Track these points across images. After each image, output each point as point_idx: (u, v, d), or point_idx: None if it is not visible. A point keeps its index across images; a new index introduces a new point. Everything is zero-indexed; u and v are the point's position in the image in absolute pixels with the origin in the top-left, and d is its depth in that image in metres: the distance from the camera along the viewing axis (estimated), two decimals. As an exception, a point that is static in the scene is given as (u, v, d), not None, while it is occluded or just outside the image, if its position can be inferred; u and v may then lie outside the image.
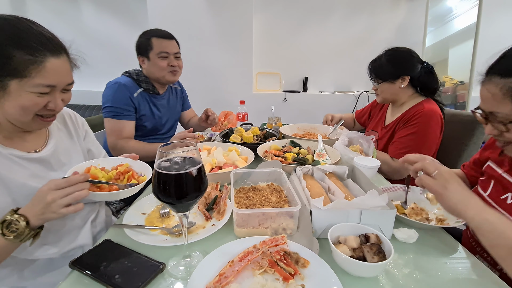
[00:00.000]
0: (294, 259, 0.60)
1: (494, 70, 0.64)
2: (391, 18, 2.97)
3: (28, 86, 0.64)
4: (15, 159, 0.72)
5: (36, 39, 0.65)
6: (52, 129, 0.85)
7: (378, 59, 1.36)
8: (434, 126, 1.23)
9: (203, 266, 0.58)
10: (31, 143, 0.78)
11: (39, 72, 0.64)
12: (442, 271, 0.61)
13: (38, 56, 0.64)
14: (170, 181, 0.52)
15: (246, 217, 0.71)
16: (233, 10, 2.76)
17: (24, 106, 0.66)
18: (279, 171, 0.92)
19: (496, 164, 0.78)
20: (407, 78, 1.30)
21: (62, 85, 0.71)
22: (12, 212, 0.61)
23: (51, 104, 0.69)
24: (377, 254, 0.56)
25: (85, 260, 0.60)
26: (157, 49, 1.39)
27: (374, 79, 1.38)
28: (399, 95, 1.35)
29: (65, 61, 0.70)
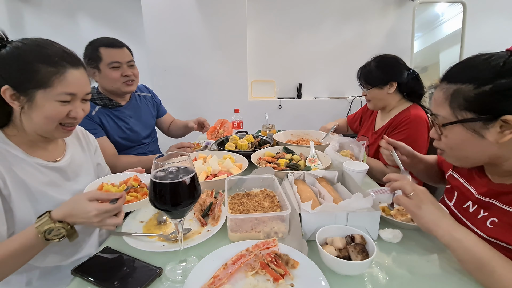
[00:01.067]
0: (284, 260, 0.63)
1: (445, 76, 0.69)
2: (381, 25, 3.05)
3: (51, 95, 0.72)
4: (38, 167, 0.78)
5: (57, 53, 0.74)
6: (68, 141, 0.93)
7: (367, 66, 1.41)
8: (422, 130, 1.28)
9: (198, 269, 0.61)
10: (51, 152, 0.85)
11: (61, 82, 0.72)
12: (425, 269, 0.65)
13: (60, 67, 0.72)
14: (165, 190, 0.56)
15: (239, 222, 0.74)
16: (227, 21, 2.84)
17: (49, 115, 0.73)
18: (271, 177, 0.96)
19: (457, 173, 0.83)
20: (395, 84, 1.35)
21: (82, 93, 0.78)
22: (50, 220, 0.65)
23: (72, 113, 0.77)
24: (361, 253, 0.59)
25: (86, 267, 0.64)
26: (107, 59, 1.27)
27: (363, 85, 1.43)
28: (388, 101, 1.40)
29: (83, 73, 0.79)
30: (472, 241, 0.59)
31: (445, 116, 0.67)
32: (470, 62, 0.65)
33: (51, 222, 0.64)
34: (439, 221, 0.63)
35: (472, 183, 0.75)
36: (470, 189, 0.74)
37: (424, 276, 0.62)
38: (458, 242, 0.60)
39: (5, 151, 0.73)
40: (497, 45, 0.71)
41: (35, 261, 0.78)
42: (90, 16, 3.01)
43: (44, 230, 0.63)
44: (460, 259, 0.61)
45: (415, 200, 0.67)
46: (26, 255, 0.66)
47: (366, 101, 1.49)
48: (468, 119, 0.63)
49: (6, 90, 0.69)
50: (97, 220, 0.65)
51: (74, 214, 0.66)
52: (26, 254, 0.65)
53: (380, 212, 0.73)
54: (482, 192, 0.70)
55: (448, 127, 0.67)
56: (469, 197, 0.74)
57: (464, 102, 0.63)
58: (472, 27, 2.76)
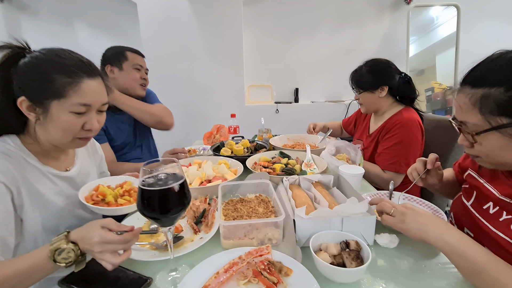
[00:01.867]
0: (277, 268, 0.61)
1: (466, 80, 0.65)
2: (376, 29, 3.08)
3: (66, 105, 0.71)
4: (51, 177, 0.78)
5: (74, 63, 0.73)
6: (78, 150, 0.93)
7: (359, 70, 1.42)
8: (415, 133, 1.28)
9: (189, 278, 0.60)
10: (63, 162, 0.85)
11: (76, 92, 0.71)
12: (422, 275, 0.63)
13: (75, 77, 0.71)
14: (154, 197, 0.54)
15: (232, 229, 0.73)
16: (223, 26, 2.86)
17: (64, 127, 0.72)
18: (266, 182, 0.95)
19: (477, 173, 0.80)
20: (386, 88, 1.36)
21: (98, 104, 0.77)
22: (65, 240, 0.59)
23: (87, 125, 0.75)
24: (355, 260, 0.58)
25: (74, 278, 0.62)
26: (132, 61, 1.41)
27: (355, 89, 1.44)
28: (380, 104, 1.41)
29: (100, 83, 0.77)
30: (466, 245, 0.57)
31: (476, 123, 0.62)
32: (494, 63, 0.61)
33: (65, 241, 0.59)
34: (427, 228, 0.62)
35: (495, 184, 0.71)
36: (492, 190, 0.71)
37: (421, 282, 0.61)
38: (451, 247, 0.58)
39: (21, 158, 0.73)
40: (492, 48, 0.70)
41: None
42: (87, 24, 3.03)
43: (56, 249, 0.57)
44: (456, 264, 0.59)
45: (397, 216, 0.67)
46: (33, 277, 0.60)
47: (359, 105, 1.50)
48: (504, 125, 0.58)
49: (23, 101, 0.69)
50: (97, 250, 0.57)
51: (84, 237, 0.59)
52: (32, 276, 0.59)
53: (376, 217, 0.72)
54: (508, 194, 0.67)
55: (482, 135, 0.62)
56: (490, 198, 0.71)
57: (496, 107, 0.58)
58: (466, 30, 2.78)
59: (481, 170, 0.78)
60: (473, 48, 2.84)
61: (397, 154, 1.28)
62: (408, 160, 1.27)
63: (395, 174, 1.29)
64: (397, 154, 1.28)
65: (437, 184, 0.90)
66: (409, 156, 1.27)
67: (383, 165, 1.32)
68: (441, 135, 1.46)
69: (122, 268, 0.65)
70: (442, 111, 3.01)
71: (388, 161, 1.30)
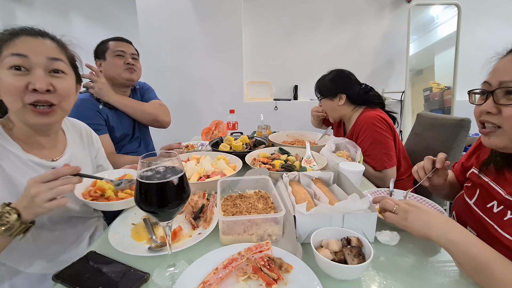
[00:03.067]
0: (277, 264, 0.60)
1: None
2: (376, 27, 3.07)
3: (1, 62, 0.65)
4: (32, 165, 0.73)
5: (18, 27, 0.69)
6: (70, 139, 0.88)
7: (322, 79, 1.53)
8: (380, 126, 1.34)
9: (187, 274, 0.58)
10: (49, 150, 0.80)
11: (9, 46, 0.66)
12: (423, 272, 0.62)
13: (10, 35, 0.66)
14: (151, 190, 0.53)
15: (231, 225, 0.71)
16: (223, 21, 2.82)
17: (5, 90, 0.66)
18: (265, 178, 0.93)
19: (481, 172, 0.79)
20: (344, 97, 1.46)
21: (38, 58, 0.67)
22: (3, 205, 0.60)
23: (30, 85, 0.66)
24: (357, 257, 0.57)
25: (68, 273, 0.60)
26: (113, 48, 1.39)
27: (318, 96, 1.55)
28: (341, 112, 1.51)
29: (43, 41, 0.70)
30: (470, 243, 0.57)
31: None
32: None
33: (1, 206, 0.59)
34: (430, 225, 0.61)
35: (500, 183, 0.70)
36: (497, 188, 0.70)
37: (423, 279, 0.60)
38: (454, 245, 0.58)
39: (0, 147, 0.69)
40: (492, 48, 0.69)
41: (19, 264, 0.74)
42: (84, 15, 2.98)
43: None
44: (459, 262, 0.59)
45: (400, 213, 0.67)
46: None
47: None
48: None
49: None
50: (34, 192, 0.57)
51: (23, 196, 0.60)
52: None
53: (377, 214, 0.71)
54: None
55: None
56: (494, 197, 0.71)
57: None
58: (466, 29, 2.78)
59: (486, 169, 0.77)
60: (472, 48, 2.86)
61: (376, 152, 1.34)
62: (390, 155, 1.33)
63: (386, 171, 1.33)
64: (376, 152, 1.34)
65: (442, 185, 0.89)
66: (387, 150, 1.33)
67: (372, 167, 1.36)
68: (439, 134, 1.46)
69: (118, 263, 0.63)
70: (439, 111, 3.01)
71: (373, 163, 1.34)
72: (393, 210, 0.68)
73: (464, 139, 1.38)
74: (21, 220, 0.60)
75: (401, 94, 3.02)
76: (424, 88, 3.04)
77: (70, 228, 0.83)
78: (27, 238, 0.72)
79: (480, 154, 0.83)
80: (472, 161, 0.87)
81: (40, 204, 0.58)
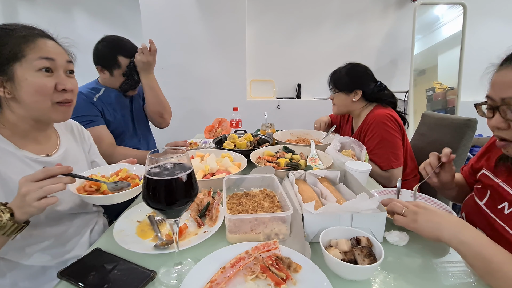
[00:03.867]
0: (286, 264, 0.59)
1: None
2: (381, 26, 3.04)
3: (29, 65, 0.69)
4: (28, 162, 0.74)
5: (23, 27, 0.72)
6: (62, 135, 0.88)
7: (338, 71, 1.48)
8: (389, 125, 1.32)
9: (194, 273, 0.57)
10: (44, 146, 0.80)
11: (33, 49, 0.69)
12: (433, 273, 0.61)
13: (28, 36, 0.70)
14: (160, 187, 0.52)
15: (238, 223, 0.70)
16: (226, 19, 2.80)
17: (36, 90, 0.69)
18: (271, 176, 0.92)
19: (492, 173, 0.78)
20: (360, 93, 1.41)
21: (61, 61, 0.74)
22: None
23: (60, 85, 0.73)
24: (368, 257, 0.56)
25: (73, 270, 0.59)
26: (124, 65, 1.36)
27: (332, 89, 1.50)
28: (352, 107, 1.47)
29: (56, 44, 0.76)
30: (482, 244, 0.56)
31: None
32: None
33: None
34: (441, 226, 0.60)
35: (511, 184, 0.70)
36: (508, 189, 0.69)
37: (432, 280, 0.59)
38: (466, 246, 0.57)
39: None
40: (497, 48, 0.68)
41: (20, 257, 0.74)
42: (87, 12, 2.96)
43: None
44: (470, 264, 0.58)
45: (409, 215, 0.66)
46: None
47: (332, 106, 1.55)
48: None
49: None
50: (24, 191, 0.58)
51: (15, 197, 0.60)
52: None
53: (386, 214, 0.70)
54: None
55: None
56: (505, 198, 0.70)
57: None
58: (471, 29, 2.76)
59: (497, 170, 0.76)
60: (477, 48, 2.84)
61: (383, 152, 1.32)
62: (397, 154, 1.31)
63: (392, 170, 1.31)
64: (383, 152, 1.32)
65: (450, 182, 0.88)
66: (395, 149, 1.32)
67: (378, 166, 1.34)
68: (444, 134, 1.45)
69: (124, 260, 0.62)
70: (442, 111, 3.00)
71: (380, 162, 1.33)
72: (401, 212, 0.67)
73: (471, 139, 1.37)
74: (14, 219, 0.60)
75: (405, 94, 3.00)
76: (427, 88, 3.03)
77: (69, 223, 0.83)
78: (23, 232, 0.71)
79: (491, 155, 0.82)
80: (482, 162, 0.86)
81: (30, 202, 0.59)
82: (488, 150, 0.86)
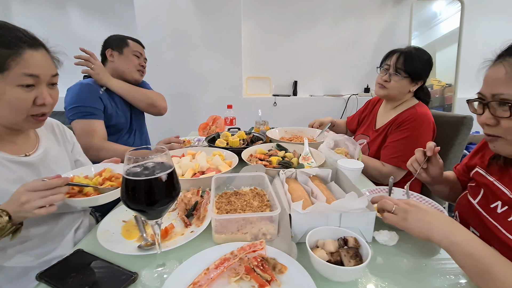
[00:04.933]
0: (271, 265, 0.58)
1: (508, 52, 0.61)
2: (378, 23, 3.02)
3: (10, 79, 0.65)
4: (4, 162, 0.72)
5: (11, 34, 0.67)
6: (42, 135, 0.86)
7: (410, 52, 1.26)
8: (426, 130, 1.24)
9: (177, 274, 0.56)
10: (21, 146, 0.78)
11: (19, 63, 0.66)
12: (422, 274, 0.60)
13: (14, 48, 0.66)
14: (139, 188, 0.50)
15: (225, 223, 0.69)
16: (222, 15, 2.77)
17: (13, 104, 0.67)
18: (262, 175, 0.91)
19: (485, 171, 0.77)
20: (420, 84, 1.30)
21: (46, 76, 0.71)
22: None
23: (39, 100, 0.70)
24: (354, 258, 0.54)
25: (53, 272, 0.58)
26: (133, 47, 1.48)
27: (398, 70, 1.26)
28: (402, 96, 1.34)
29: (44, 54, 0.72)
30: (472, 245, 0.55)
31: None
32: None
33: None
34: (432, 226, 0.59)
35: (505, 183, 0.68)
36: (502, 188, 0.68)
37: (421, 281, 0.58)
38: (456, 246, 0.55)
39: None
40: (495, 45, 0.66)
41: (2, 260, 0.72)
42: (80, 8, 2.92)
43: None
44: (461, 265, 0.56)
45: (399, 213, 0.64)
46: None
47: (380, 86, 1.35)
48: None
49: None
50: (24, 199, 0.59)
51: (11, 199, 0.61)
52: None
53: (376, 213, 0.68)
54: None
55: None
56: (499, 197, 0.68)
57: None
58: (469, 26, 2.74)
59: (490, 168, 0.74)
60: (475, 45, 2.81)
61: (403, 148, 1.24)
62: None
63: (395, 168, 1.26)
64: (403, 148, 1.24)
65: (440, 175, 0.87)
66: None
67: (385, 158, 1.28)
68: (440, 132, 1.43)
69: (106, 262, 0.61)
70: (440, 109, 2.98)
71: (391, 155, 1.26)
72: (392, 210, 0.66)
73: (466, 137, 1.36)
74: (11, 221, 0.61)
75: (402, 91, 2.98)
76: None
77: (54, 223, 0.82)
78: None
79: (485, 153, 0.80)
80: (476, 160, 0.84)
81: (30, 210, 0.60)
82: (482, 148, 0.85)
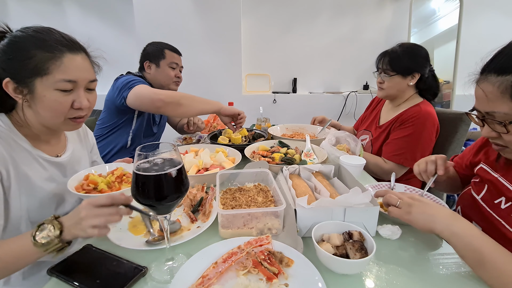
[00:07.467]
0: (278, 258, 0.59)
1: (489, 68, 0.61)
2: (377, 19, 3.02)
3: (50, 83, 0.67)
4: (40, 161, 0.76)
5: (53, 38, 0.69)
6: (68, 135, 0.90)
7: (394, 52, 1.30)
8: (429, 128, 1.24)
9: (186, 268, 0.57)
10: (54, 146, 0.82)
11: (58, 68, 0.68)
12: (425, 267, 0.62)
13: (55, 52, 0.67)
14: (149, 183, 0.51)
15: (231, 218, 0.70)
16: (221, 12, 2.76)
17: (51, 107, 0.69)
18: (265, 171, 0.92)
19: (490, 167, 0.78)
20: (417, 76, 1.28)
21: (84, 81, 0.73)
22: (53, 217, 0.59)
23: (76, 103, 0.72)
24: (359, 251, 0.56)
25: (63, 267, 0.59)
26: (169, 59, 1.52)
27: (386, 71, 1.31)
28: (404, 93, 1.33)
29: (84, 58, 0.74)
30: (472, 235, 0.56)
31: (508, 112, 0.58)
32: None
33: (50, 218, 0.59)
34: (434, 218, 0.61)
35: (510, 179, 0.69)
36: (507, 185, 0.69)
37: (424, 273, 0.60)
38: (457, 237, 0.57)
39: (11, 139, 0.70)
40: (494, 42, 0.67)
41: None
42: (78, 4, 2.89)
43: (38, 225, 0.58)
44: (461, 255, 0.58)
45: (403, 207, 0.66)
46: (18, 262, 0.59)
47: (379, 88, 1.39)
48: None
49: (8, 83, 0.66)
50: (83, 214, 0.56)
51: (72, 215, 0.59)
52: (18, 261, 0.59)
53: (379, 208, 0.70)
54: None
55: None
56: (503, 193, 0.70)
57: None
58: (467, 23, 2.75)
59: (496, 164, 0.76)
60: (473, 42, 2.83)
61: (405, 146, 1.25)
62: (415, 155, 1.22)
63: (397, 166, 1.27)
64: (405, 146, 1.25)
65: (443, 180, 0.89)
66: (416, 150, 1.24)
67: (387, 155, 1.29)
68: (439, 128, 1.45)
69: (116, 257, 0.62)
70: (437, 105, 2.99)
71: (393, 152, 1.27)
72: (396, 204, 0.67)
73: (465, 133, 1.37)
74: (61, 237, 0.58)
75: (401, 88, 2.99)
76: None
77: None
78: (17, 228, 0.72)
79: (489, 150, 0.82)
80: (480, 156, 0.85)
81: (85, 228, 0.56)
82: (485, 144, 0.85)
